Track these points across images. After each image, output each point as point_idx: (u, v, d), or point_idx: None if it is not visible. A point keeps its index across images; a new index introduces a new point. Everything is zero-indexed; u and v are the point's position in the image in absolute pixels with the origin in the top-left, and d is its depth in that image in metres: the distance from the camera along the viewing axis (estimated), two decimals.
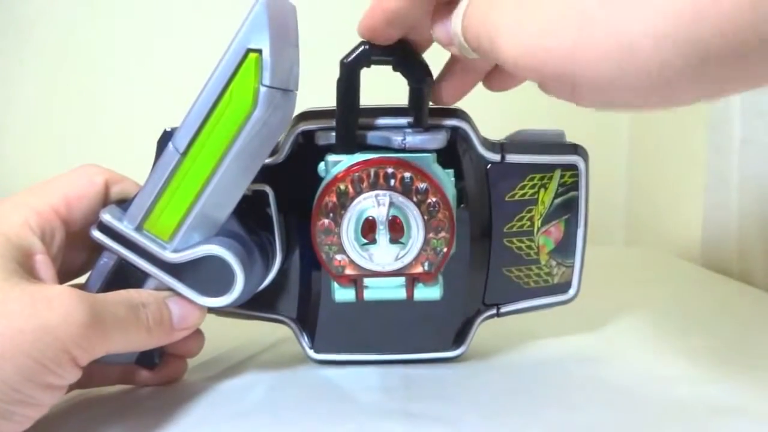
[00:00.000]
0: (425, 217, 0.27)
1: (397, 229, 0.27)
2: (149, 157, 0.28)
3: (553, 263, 0.34)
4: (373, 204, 0.27)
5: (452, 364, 0.34)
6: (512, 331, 0.36)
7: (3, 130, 0.74)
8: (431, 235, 0.27)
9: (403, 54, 0.28)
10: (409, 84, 0.28)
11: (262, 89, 0.25)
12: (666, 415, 0.27)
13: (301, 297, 0.33)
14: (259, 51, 0.25)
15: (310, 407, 0.29)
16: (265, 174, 0.29)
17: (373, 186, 0.27)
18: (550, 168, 0.32)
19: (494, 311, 0.34)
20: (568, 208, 0.33)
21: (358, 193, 0.27)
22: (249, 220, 0.30)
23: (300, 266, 0.32)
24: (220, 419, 0.28)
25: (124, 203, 0.28)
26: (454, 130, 0.30)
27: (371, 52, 0.27)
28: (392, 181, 0.27)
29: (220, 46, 0.26)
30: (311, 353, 0.33)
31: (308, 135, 0.30)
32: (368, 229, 0.27)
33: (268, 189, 0.30)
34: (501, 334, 0.36)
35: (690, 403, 0.28)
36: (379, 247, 0.27)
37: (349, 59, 0.28)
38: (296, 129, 0.30)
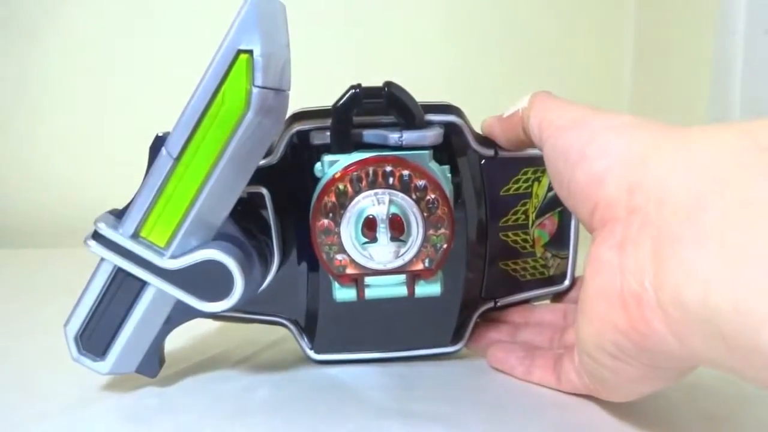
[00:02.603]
0: (425, 214, 0.27)
1: (397, 227, 0.27)
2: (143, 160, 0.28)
3: (549, 255, 0.34)
4: (372, 202, 0.27)
5: (452, 363, 0.34)
6: None
7: (6, 131, 0.73)
8: (431, 231, 0.27)
9: (393, 96, 0.28)
10: (401, 125, 0.28)
11: (255, 90, 0.25)
12: (663, 415, 0.28)
13: (300, 298, 0.33)
14: (250, 52, 0.25)
15: (309, 407, 0.29)
16: (261, 175, 0.29)
17: (372, 185, 0.27)
18: (543, 161, 0.32)
19: (492, 304, 0.34)
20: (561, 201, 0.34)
21: (357, 192, 0.27)
22: (246, 222, 0.29)
23: (298, 267, 0.32)
24: (220, 419, 0.28)
25: (118, 211, 0.28)
26: (449, 126, 0.30)
27: (362, 95, 0.27)
28: (391, 179, 0.27)
29: (214, 48, 0.25)
30: (311, 354, 0.33)
31: (303, 135, 0.30)
32: (369, 227, 0.27)
33: (264, 191, 0.30)
34: None
35: (684, 406, 0.28)
36: (379, 245, 0.27)
37: (340, 103, 0.28)
38: (291, 129, 0.30)
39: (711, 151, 0.20)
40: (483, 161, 0.31)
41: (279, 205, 0.30)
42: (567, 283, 0.35)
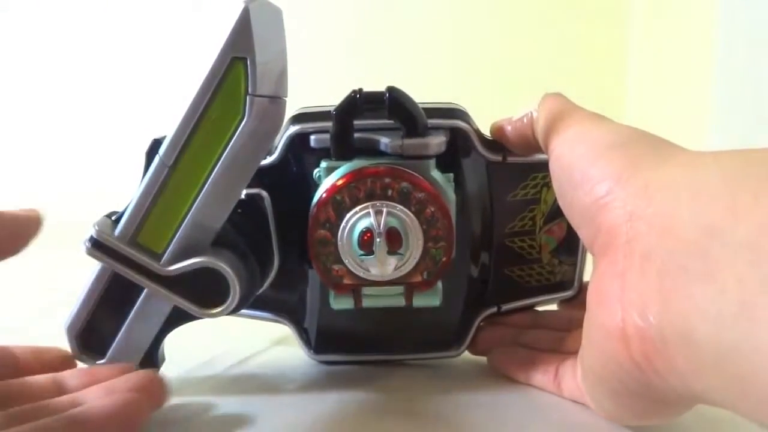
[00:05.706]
0: (424, 227, 0.27)
1: (394, 240, 0.26)
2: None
3: (556, 262, 0.33)
4: (369, 215, 0.26)
5: (452, 363, 0.33)
6: None
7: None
8: (430, 244, 0.27)
9: (395, 102, 0.27)
10: (403, 132, 0.27)
11: (250, 98, 0.24)
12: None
13: (300, 298, 0.33)
14: (245, 59, 0.24)
15: (310, 406, 0.29)
16: (261, 176, 0.28)
17: (370, 196, 0.26)
18: None
19: (495, 309, 0.33)
20: None
21: (355, 203, 0.26)
22: (244, 224, 0.29)
23: (298, 267, 0.32)
24: (221, 418, 0.28)
25: (115, 215, 0.27)
26: (454, 130, 0.29)
27: (363, 101, 0.26)
28: (389, 191, 0.26)
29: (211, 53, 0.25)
30: (311, 354, 0.33)
31: (303, 137, 0.29)
32: (365, 240, 0.26)
33: (263, 193, 0.30)
34: None
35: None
36: (376, 258, 0.26)
37: (340, 108, 0.27)
38: (291, 131, 0.29)
39: (721, 179, 0.19)
40: (490, 166, 0.30)
41: (279, 206, 0.30)
42: (574, 289, 0.34)
